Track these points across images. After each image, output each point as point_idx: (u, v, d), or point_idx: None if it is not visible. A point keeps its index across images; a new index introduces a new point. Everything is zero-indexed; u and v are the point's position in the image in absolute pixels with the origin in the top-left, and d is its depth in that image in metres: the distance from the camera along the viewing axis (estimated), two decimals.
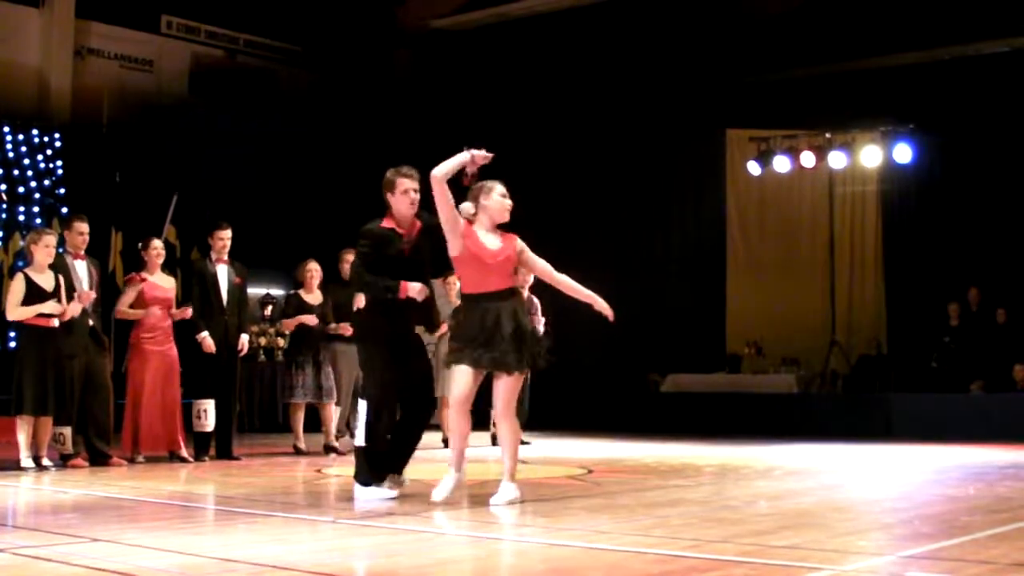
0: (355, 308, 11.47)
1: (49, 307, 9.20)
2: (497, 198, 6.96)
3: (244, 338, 10.75)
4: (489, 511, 6.56)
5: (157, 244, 10.44)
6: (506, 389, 6.83)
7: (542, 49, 17.62)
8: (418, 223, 7.23)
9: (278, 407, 15.00)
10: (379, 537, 5.63)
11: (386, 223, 7.16)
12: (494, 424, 12.68)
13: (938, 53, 15.93)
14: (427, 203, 7.13)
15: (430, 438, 9.25)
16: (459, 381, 6.77)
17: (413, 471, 7.45)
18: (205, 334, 10.31)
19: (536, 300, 13.08)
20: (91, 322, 9.72)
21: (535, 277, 12.68)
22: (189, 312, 10.31)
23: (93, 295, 9.67)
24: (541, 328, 12.76)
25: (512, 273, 7.01)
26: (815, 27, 16.22)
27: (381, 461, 7.03)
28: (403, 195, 7.10)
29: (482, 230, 6.89)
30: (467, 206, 6.88)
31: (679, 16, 16.65)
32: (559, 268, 7.32)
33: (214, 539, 5.62)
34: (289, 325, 11.67)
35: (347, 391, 11.63)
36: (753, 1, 16.81)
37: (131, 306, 10.22)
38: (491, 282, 6.85)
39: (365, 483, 6.97)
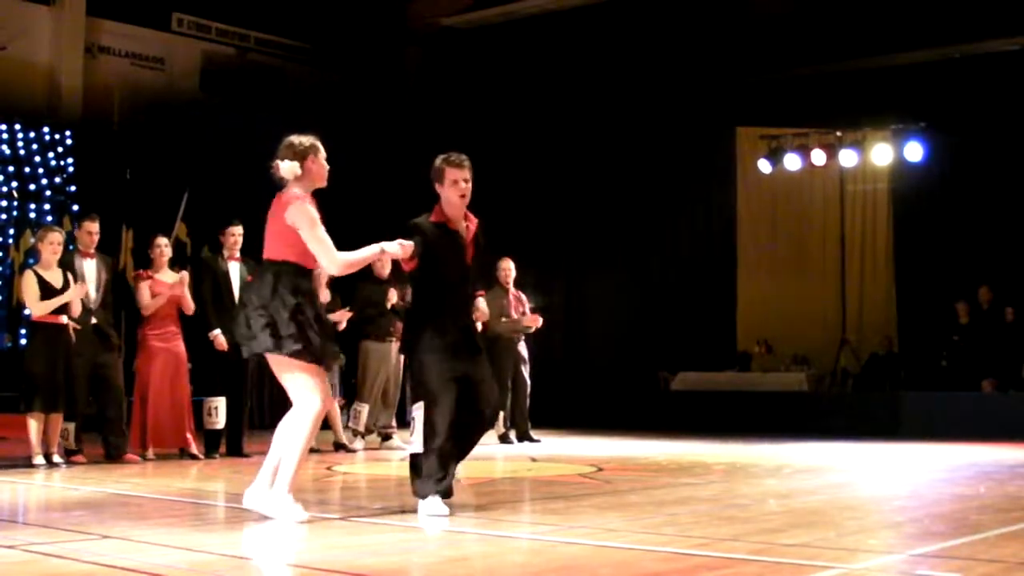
0: (388, 305, 11.53)
1: (70, 294, 9.23)
2: (324, 162, 6.36)
3: None
4: (498, 509, 6.56)
5: (162, 242, 10.43)
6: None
7: (552, 47, 17.62)
8: (473, 226, 6.59)
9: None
10: (389, 535, 5.63)
11: (435, 217, 6.49)
12: (504, 423, 12.76)
13: (949, 51, 15.89)
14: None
15: None
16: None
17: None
18: (217, 332, 10.32)
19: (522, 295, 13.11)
20: (94, 320, 9.75)
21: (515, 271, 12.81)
22: (187, 279, 10.23)
23: (81, 287, 9.60)
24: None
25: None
26: (825, 25, 16.18)
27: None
28: (452, 185, 6.44)
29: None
30: (293, 166, 6.25)
31: (689, 14, 16.63)
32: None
33: (224, 536, 5.63)
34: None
35: (377, 390, 11.69)
36: None
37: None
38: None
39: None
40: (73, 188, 15.97)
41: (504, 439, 12.70)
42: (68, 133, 16.18)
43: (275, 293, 6.01)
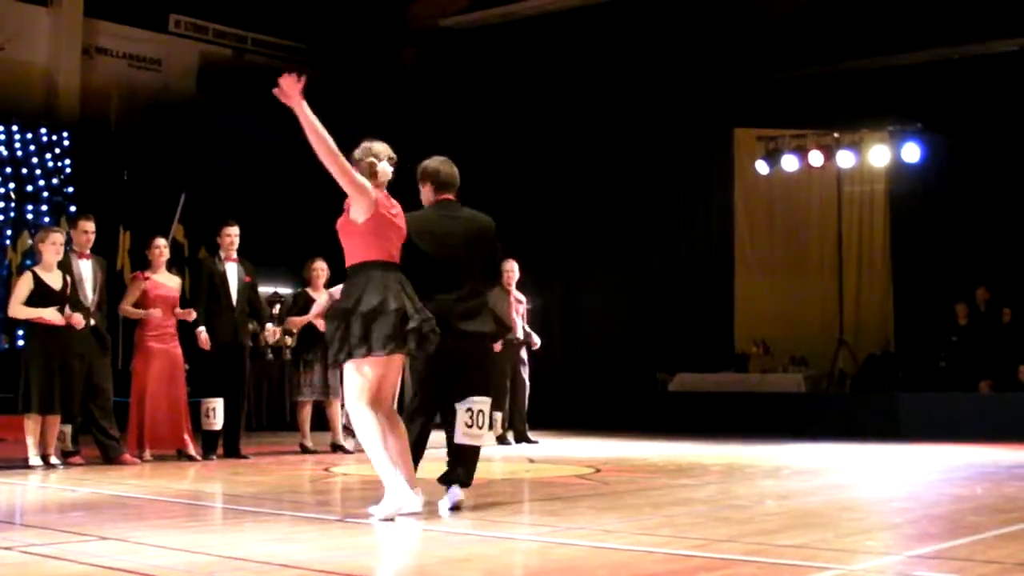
0: None
1: (49, 314, 9.21)
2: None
3: (270, 326, 10.88)
4: (496, 510, 6.55)
5: (160, 243, 10.42)
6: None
7: (550, 48, 17.62)
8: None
9: (285, 405, 15.05)
10: (387, 536, 5.63)
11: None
12: (502, 425, 12.76)
13: (946, 52, 15.89)
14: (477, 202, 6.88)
15: None
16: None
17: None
18: (202, 328, 10.29)
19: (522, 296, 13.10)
20: (92, 321, 9.74)
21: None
22: (193, 314, 10.28)
23: (81, 323, 9.56)
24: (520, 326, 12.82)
25: None
26: (823, 26, 16.19)
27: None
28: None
29: None
30: (389, 168, 6.30)
31: (687, 15, 16.64)
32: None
33: (222, 537, 5.62)
34: (297, 323, 11.66)
35: None
36: (762, 0, 16.79)
37: (136, 305, 10.22)
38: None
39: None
40: (71, 189, 15.96)
41: (502, 440, 12.70)
42: (66, 134, 16.18)
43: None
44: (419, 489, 6.08)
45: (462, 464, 6.47)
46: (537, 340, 13.01)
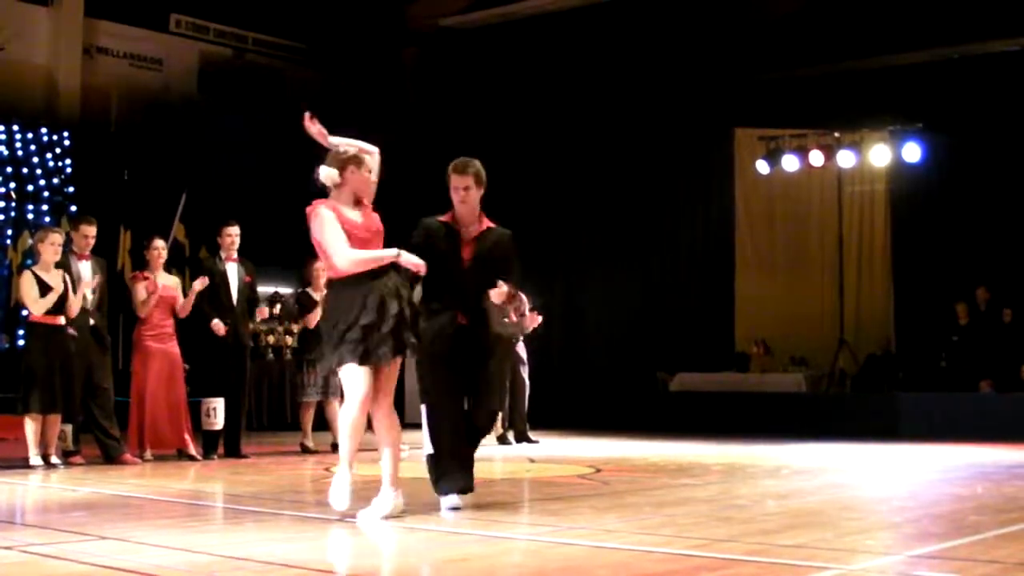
0: None
1: (71, 292, 9.26)
2: (367, 174, 6.23)
3: (263, 305, 10.82)
4: (496, 510, 6.55)
5: (158, 244, 10.43)
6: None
7: (551, 47, 17.61)
8: (484, 227, 6.60)
9: (286, 405, 15.05)
10: (388, 536, 5.63)
11: (444, 217, 6.55)
12: (502, 425, 12.76)
13: (947, 52, 15.89)
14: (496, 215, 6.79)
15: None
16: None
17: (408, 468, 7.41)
18: (216, 320, 10.30)
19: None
20: (92, 321, 9.75)
21: None
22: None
23: (99, 279, 9.66)
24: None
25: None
26: (824, 26, 16.19)
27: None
28: (454, 192, 6.48)
29: (346, 206, 6.17)
30: (331, 173, 6.17)
31: (688, 15, 16.63)
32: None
33: (222, 537, 5.62)
34: (312, 320, 11.50)
35: None
36: (763, 0, 16.79)
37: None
38: None
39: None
40: (71, 189, 15.96)
41: (502, 440, 12.70)
42: (66, 134, 16.18)
43: (329, 316, 6.16)
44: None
45: None
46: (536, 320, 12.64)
